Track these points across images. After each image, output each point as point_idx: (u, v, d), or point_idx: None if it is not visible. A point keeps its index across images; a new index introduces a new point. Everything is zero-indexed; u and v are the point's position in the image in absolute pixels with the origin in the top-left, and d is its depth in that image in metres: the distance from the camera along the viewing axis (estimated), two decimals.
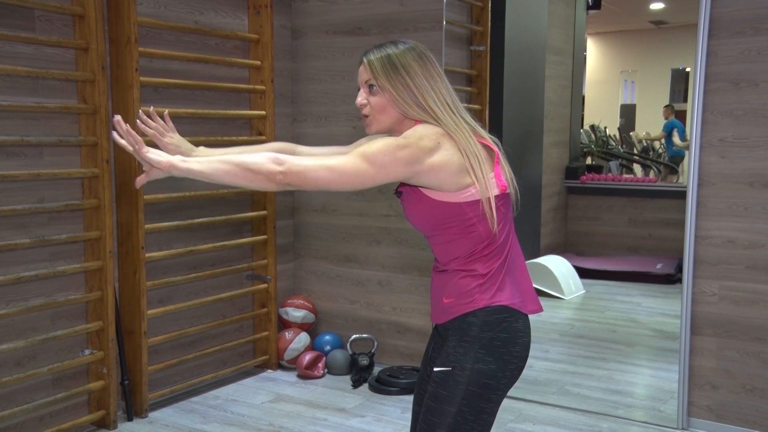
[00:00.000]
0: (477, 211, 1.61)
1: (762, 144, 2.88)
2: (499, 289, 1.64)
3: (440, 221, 1.63)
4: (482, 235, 1.63)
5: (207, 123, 3.58)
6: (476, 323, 1.63)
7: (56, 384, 3.01)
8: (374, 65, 1.65)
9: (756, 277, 2.93)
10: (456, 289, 1.66)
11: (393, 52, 1.65)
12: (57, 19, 2.92)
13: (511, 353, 1.64)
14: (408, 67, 1.63)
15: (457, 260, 1.66)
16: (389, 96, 1.64)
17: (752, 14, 2.83)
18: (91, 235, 3.04)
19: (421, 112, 1.63)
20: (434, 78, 1.65)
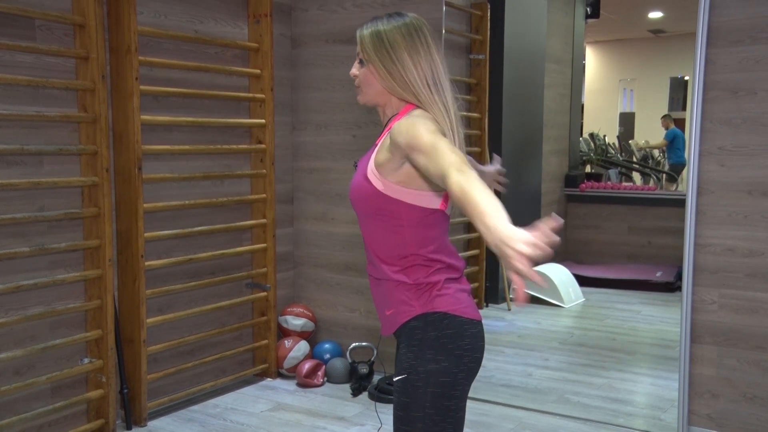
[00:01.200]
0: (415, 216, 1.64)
1: (760, 152, 2.88)
2: (437, 296, 1.66)
3: (376, 210, 1.65)
4: (407, 239, 1.65)
5: (207, 131, 3.59)
6: (419, 326, 1.65)
7: (55, 393, 3.00)
8: (364, 39, 1.70)
9: (756, 285, 2.93)
10: (394, 299, 1.68)
11: (383, 27, 1.68)
12: (57, 29, 2.93)
13: (460, 347, 1.65)
14: (393, 42, 1.66)
15: (385, 263, 1.68)
16: (373, 69, 1.68)
17: (750, 23, 2.85)
18: (91, 243, 3.04)
19: (402, 89, 1.66)
20: (419, 53, 1.66)
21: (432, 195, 1.64)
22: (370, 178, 1.64)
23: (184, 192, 3.50)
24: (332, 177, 4.08)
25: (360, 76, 1.72)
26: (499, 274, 5.06)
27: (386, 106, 1.72)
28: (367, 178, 1.65)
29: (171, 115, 3.39)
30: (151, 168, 3.29)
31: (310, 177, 4.16)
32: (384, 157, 1.62)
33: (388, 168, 1.61)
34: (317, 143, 4.11)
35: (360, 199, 1.69)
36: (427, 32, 1.69)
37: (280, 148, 4.02)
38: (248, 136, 3.81)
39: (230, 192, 3.73)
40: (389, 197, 1.63)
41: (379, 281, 1.72)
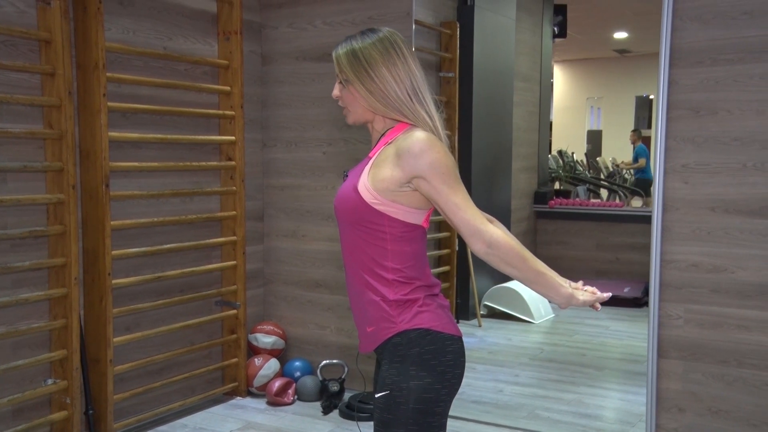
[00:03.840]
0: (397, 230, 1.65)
1: (722, 170, 2.95)
2: (419, 313, 1.66)
3: (359, 219, 1.66)
4: (388, 252, 1.66)
5: (176, 148, 3.56)
6: (402, 342, 1.65)
7: (17, 415, 2.93)
8: (341, 59, 1.70)
9: (719, 300, 2.98)
10: (375, 315, 1.68)
11: (358, 45, 1.68)
12: (23, 44, 2.89)
13: (443, 363, 1.65)
14: (370, 59, 1.66)
15: (366, 273, 1.68)
16: (354, 89, 1.68)
17: (710, 45, 2.92)
18: (56, 261, 2.99)
19: (385, 105, 1.67)
20: (397, 66, 1.66)
21: (418, 212, 1.66)
22: (360, 191, 1.64)
23: (153, 209, 3.46)
24: (303, 194, 4.07)
25: (343, 97, 1.72)
26: (469, 290, 5.09)
27: (374, 121, 1.72)
28: (357, 190, 1.64)
29: (139, 132, 3.36)
30: (119, 185, 3.26)
31: (280, 194, 4.14)
32: (385, 174, 1.62)
33: (386, 185, 1.61)
34: (287, 160, 4.10)
35: (345, 208, 1.68)
36: (402, 44, 1.70)
37: (251, 165, 4.00)
38: (218, 153, 3.79)
39: (200, 209, 3.70)
40: (375, 210, 1.63)
41: (359, 295, 1.71)
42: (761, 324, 2.90)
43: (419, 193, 1.62)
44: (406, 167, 1.59)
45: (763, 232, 2.88)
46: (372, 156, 1.68)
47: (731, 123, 2.91)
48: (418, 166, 1.58)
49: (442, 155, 1.60)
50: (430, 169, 1.58)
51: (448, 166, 1.59)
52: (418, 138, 1.60)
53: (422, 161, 1.57)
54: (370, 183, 1.63)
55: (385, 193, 1.62)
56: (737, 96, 2.89)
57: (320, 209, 4.03)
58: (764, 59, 2.83)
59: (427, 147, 1.58)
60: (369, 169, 1.65)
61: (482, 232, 1.57)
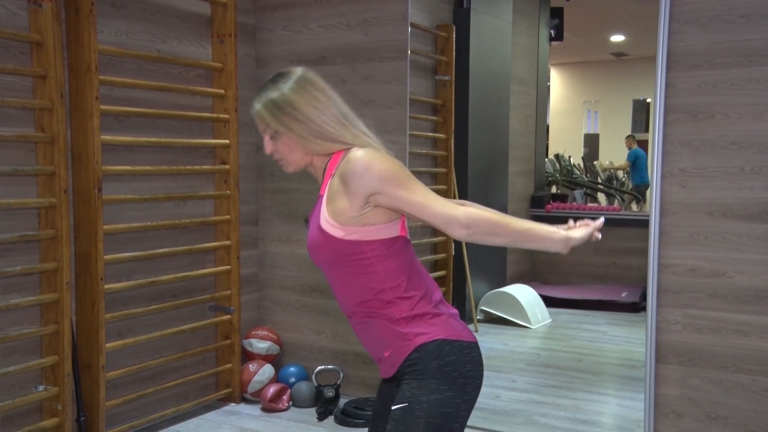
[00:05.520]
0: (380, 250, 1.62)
1: (719, 174, 2.93)
2: (431, 325, 1.64)
3: (339, 257, 1.63)
4: (380, 275, 1.63)
5: (169, 152, 3.53)
6: (420, 357, 1.62)
7: (6, 422, 2.89)
8: (263, 114, 1.66)
9: (717, 305, 2.96)
10: (389, 338, 1.65)
11: (275, 95, 1.65)
12: (14, 47, 2.86)
13: (463, 374, 1.63)
14: (292, 103, 1.63)
15: (366, 305, 1.65)
16: (287, 139, 1.65)
17: (707, 48, 2.90)
18: (48, 266, 2.95)
19: (324, 141, 1.64)
20: (319, 101, 1.65)
21: (390, 224, 1.63)
22: (326, 230, 1.62)
23: (146, 213, 3.43)
24: (297, 198, 4.04)
25: (277, 150, 1.69)
26: (466, 295, 5.06)
27: (313, 161, 1.69)
28: (322, 230, 1.62)
29: (132, 135, 3.33)
30: (112, 189, 3.22)
31: (275, 198, 4.12)
32: (341, 205, 1.59)
33: (348, 215, 1.59)
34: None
35: (320, 252, 1.66)
36: (315, 76, 1.67)
37: (245, 169, 3.98)
38: (212, 157, 3.76)
39: (193, 213, 3.67)
40: (349, 241, 1.60)
41: (366, 325, 1.68)
42: (760, 329, 2.88)
43: (382, 208, 1.59)
44: (358, 190, 1.57)
45: (761, 237, 2.86)
46: (322, 193, 1.65)
47: (729, 127, 2.89)
48: (369, 184, 1.56)
49: (386, 163, 1.58)
50: (381, 182, 1.56)
51: (396, 171, 1.58)
52: (357, 158, 1.58)
53: (370, 177, 1.55)
54: (332, 218, 1.61)
55: (351, 222, 1.59)
56: (735, 99, 2.87)
57: None
58: (761, 63, 2.82)
59: (368, 162, 1.56)
60: (325, 206, 1.63)
61: (456, 217, 1.55)
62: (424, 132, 4.34)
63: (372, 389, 3.85)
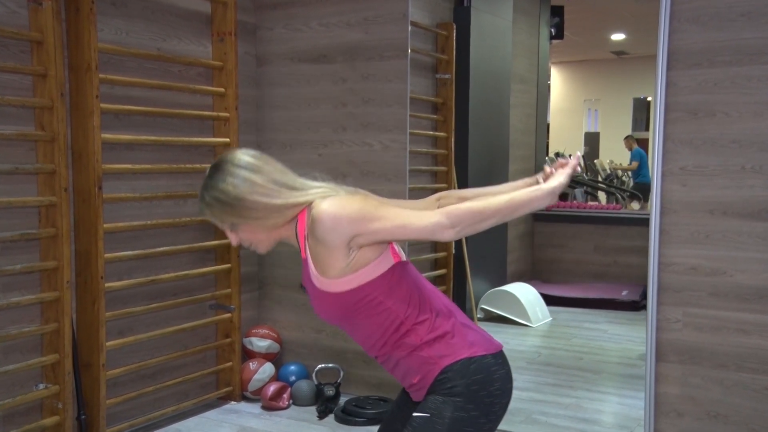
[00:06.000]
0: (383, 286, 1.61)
1: (720, 173, 2.93)
2: (453, 344, 1.63)
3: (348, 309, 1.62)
4: (392, 309, 1.62)
5: (170, 150, 3.53)
6: (447, 377, 1.60)
7: (7, 421, 2.89)
8: (214, 213, 1.65)
9: (718, 304, 2.96)
10: (415, 366, 1.64)
11: (215, 194, 1.62)
12: (13, 45, 2.86)
13: (491, 394, 1.61)
14: (235, 196, 1.60)
15: (387, 343, 1.64)
16: (246, 225, 1.63)
17: (707, 47, 2.90)
18: (48, 265, 2.95)
19: (279, 214, 1.62)
20: (256, 183, 1.60)
21: (382, 258, 1.61)
22: (325, 290, 1.61)
23: (146, 212, 3.43)
24: None
25: (242, 239, 1.68)
26: (466, 294, 5.06)
27: (281, 231, 1.67)
28: (321, 291, 1.62)
29: (133, 134, 3.33)
30: (112, 187, 3.22)
31: None
32: (327, 262, 1.58)
33: (338, 268, 1.58)
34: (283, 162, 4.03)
35: (329, 311, 1.66)
36: (247, 157, 1.63)
37: None
38: (212, 155, 3.76)
39: (193, 212, 3.66)
40: (350, 290, 1.59)
41: (389, 359, 1.67)
42: (760, 328, 2.88)
43: (366, 247, 1.58)
44: (335, 242, 1.55)
45: (761, 235, 2.86)
46: (305, 257, 1.64)
47: (729, 125, 2.89)
48: (343, 232, 1.54)
49: (350, 205, 1.56)
50: (354, 225, 1.53)
51: (362, 208, 1.55)
52: (321, 213, 1.55)
53: (342, 226, 1.53)
54: (324, 277, 1.60)
55: (344, 272, 1.58)
56: (735, 98, 2.87)
57: None
58: (762, 61, 2.81)
59: (334, 213, 1.54)
60: (313, 268, 1.62)
61: (438, 223, 1.52)
62: (425, 130, 4.34)
63: (372, 387, 3.85)
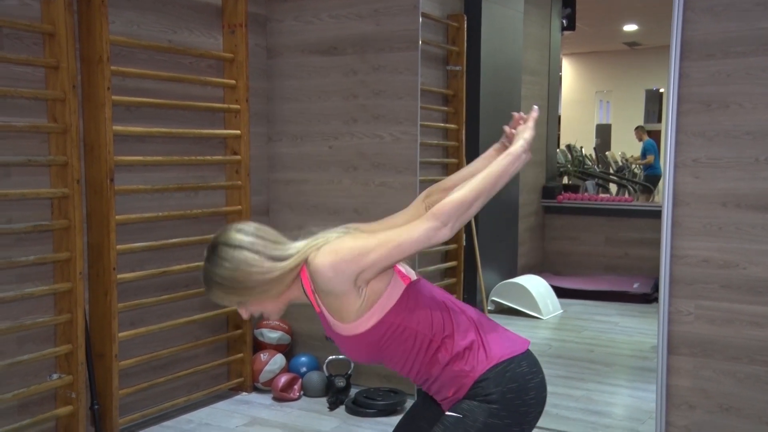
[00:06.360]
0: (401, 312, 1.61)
1: (734, 165, 2.90)
2: (481, 354, 1.62)
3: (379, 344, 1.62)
4: (418, 332, 1.61)
5: (181, 142, 3.54)
6: (483, 386, 1.60)
7: (22, 410, 2.92)
8: (218, 297, 1.65)
9: (731, 296, 2.94)
10: (448, 381, 1.63)
11: (217, 280, 1.61)
12: (26, 37, 2.87)
13: (526, 403, 1.61)
14: (234, 279, 1.60)
15: (422, 366, 1.64)
16: (253, 300, 1.63)
17: (722, 38, 2.87)
18: (61, 256, 2.97)
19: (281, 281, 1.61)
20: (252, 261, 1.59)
21: (392, 286, 1.61)
22: (350, 335, 1.62)
23: (158, 204, 3.44)
24: (309, 188, 4.05)
25: (254, 311, 1.68)
26: (476, 286, 5.05)
27: (288, 293, 1.66)
28: (347, 337, 1.62)
29: (144, 126, 3.34)
30: (124, 179, 3.24)
31: (286, 189, 4.12)
32: (342, 308, 1.58)
33: (353, 309, 1.58)
34: (293, 154, 4.08)
35: (362, 353, 1.66)
36: (241, 235, 1.62)
37: (256, 160, 3.98)
38: (223, 147, 3.77)
39: (205, 204, 3.68)
40: (373, 326, 1.59)
41: (425, 379, 1.67)
42: None
43: (374, 277, 1.57)
44: (342, 287, 1.55)
45: None
46: (319, 310, 1.65)
47: (743, 117, 2.86)
48: (345, 275, 1.54)
49: (342, 249, 1.55)
50: (352, 265, 1.53)
51: (353, 246, 1.55)
52: (319, 267, 1.55)
53: (342, 272, 1.53)
54: (345, 323, 1.60)
55: (361, 312, 1.58)
56: (749, 89, 2.84)
57: (326, 204, 4.01)
58: None
59: (330, 262, 1.54)
60: (331, 318, 1.62)
61: (429, 228, 1.51)
62: (435, 122, 4.33)
63: (382, 379, 3.86)
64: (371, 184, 3.89)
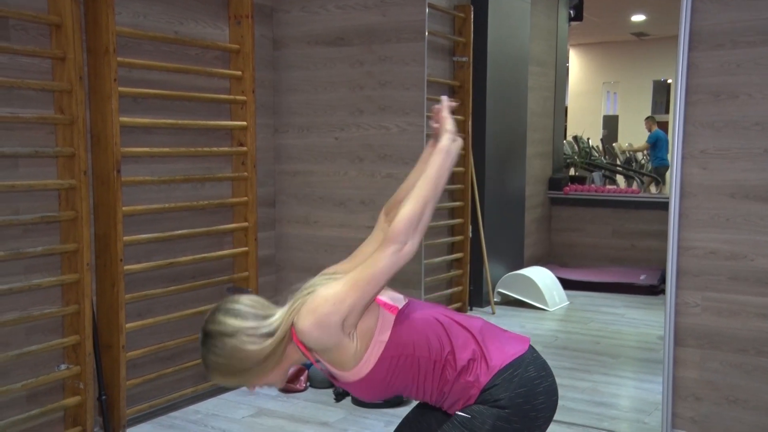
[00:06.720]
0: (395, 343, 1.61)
1: (742, 156, 2.89)
2: (483, 365, 1.61)
3: (387, 379, 1.62)
4: (419, 357, 1.61)
5: (187, 134, 3.54)
6: (491, 392, 1.59)
7: (31, 400, 2.94)
8: (222, 381, 1.65)
9: (738, 288, 2.93)
10: (458, 394, 1.63)
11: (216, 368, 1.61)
12: (33, 28, 2.87)
13: (535, 408, 1.60)
14: (231, 365, 1.59)
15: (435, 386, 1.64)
16: (254, 378, 1.62)
17: (731, 28, 2.85)
18: (68, 247, 2.98)
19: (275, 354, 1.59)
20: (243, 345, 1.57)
21: (381, 320, 1.61)
22: (356, 380, 1.62)
23: (164, 195, 3.45)
24: (315, 180, 4.05)
25: (258, 385, 1.68)
26: (483, 277, 5.06)
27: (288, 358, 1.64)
28: (354, 383, 1.63)
29: (150, 117, 3.34)
30: (130, 171, 3.24)
31: (292, 180, 4.12)
32: (340, 358, 1.59)
33: (351, 355, 1.58)
34: (299, 146, 4.08)
35: (374, 393, 1.67)
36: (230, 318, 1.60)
37: (262, 151, 3.98)
38: (229, 139, 3.77)
39: (211, 195, 3.68)
40: (375, 365, 1.60)
41: (441, 397, 1.67)
42: None
43: (360, 317, 1.58)
44: (332, 339, 1.55)
45: None
46: (320, 366, 1.65)
47: (752, 107, 2.85)
48: (331, 328, 1.53)
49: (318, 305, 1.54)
50: (334, 316, 1.53)
51: (327, 297, 1.54)
52: (303, 329, 1.55)
53: (326, 325, 1.53)
54: (348, 371, 1.61)
55: (359, 355, 1.59)
56: (758, 79, 2.82)
57: (332, 195, 4.01)
58: None
59: (311, 322, 1.54)
60: (334, 370, 1.63)
61: (392, 252, 1.52)
62: None
63: None
64: (377, 176, 3.89)
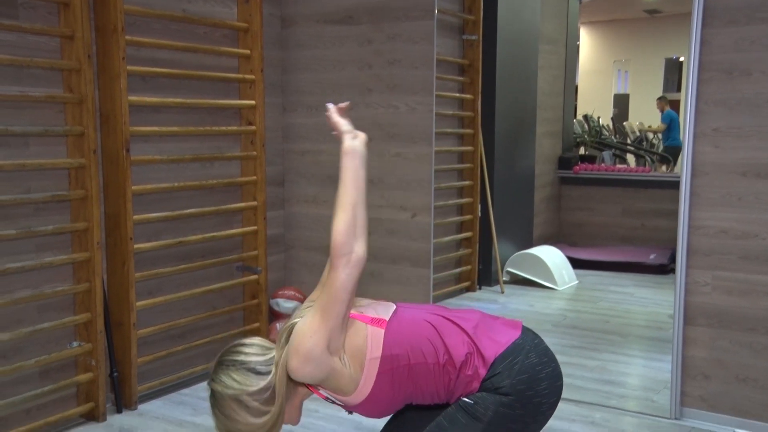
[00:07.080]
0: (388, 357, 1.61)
1: (755, 134, 2.86)
2: (482, 355, 1.61)
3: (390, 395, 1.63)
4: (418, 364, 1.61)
5: (195, 113, 3.54)
6: (492, 381, 1.60)
7: (43, 377, 2.98)
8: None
9: (748, 267, 2.92)
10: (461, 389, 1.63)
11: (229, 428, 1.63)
12: (41, 7, 2.87)
13: (539, 393, 1.60)
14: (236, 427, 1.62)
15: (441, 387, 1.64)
16: (263, 420, 1.62)
17: (745, 3, 2.81)
18: (79, 226, 3.00)
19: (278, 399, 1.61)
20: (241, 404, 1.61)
21: (370, 336, 1.61)
22: (363, 401, 1.63)
23: (173, 174, 3.46)
24: (323, 159, 4.04)
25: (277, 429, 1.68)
26: (492, 256, 5.05)
27: (296, 396, 1.67)
28: (362, 403, 1.63)
29: (159, 96, 3.34)
30: (140, 150, 3.25)
31: (301, 159, 4.12)
32: (339, 384, 1.60)
33: (348, 380, 1.60)
34: (308, 125, 4.06)
35: (382, 409, 1.68)
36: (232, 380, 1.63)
37: (271, 130, 3.97)
38: (238, 118, 3.76)
39: (220, 174, 3.69)
40: (376, 382, 1.60)
41: (448, 395, 1.67)
42: None
43: (343, 336, 1.58)
44: (324, 368, 1.57)
45: None
46: (324, 397, 1.67)
47: (765, 84, 2.82)
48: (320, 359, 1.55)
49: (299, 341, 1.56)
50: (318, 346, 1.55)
51: (304, 330, 1.57)
52: (294, 367, 1.57)
53: (314, 356, 1.55)
54: (350, 395, 1.62)
55: (356, 376, 1.60)
56: None
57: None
58: None
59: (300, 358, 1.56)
60: (339, 397, 1.64)
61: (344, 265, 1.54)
62: (451, 93, 4.29)
63: None
64: (386, 155, 3.88)
